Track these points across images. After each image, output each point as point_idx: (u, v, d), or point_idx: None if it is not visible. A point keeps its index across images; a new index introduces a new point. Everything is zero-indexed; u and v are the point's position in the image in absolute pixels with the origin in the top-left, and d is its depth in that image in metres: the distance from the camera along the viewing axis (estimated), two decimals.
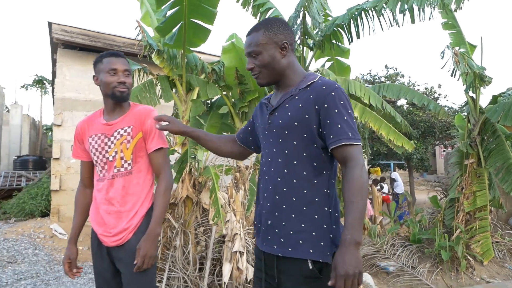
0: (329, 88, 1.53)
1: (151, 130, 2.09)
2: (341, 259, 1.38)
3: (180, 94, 4.18)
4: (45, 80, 17.61)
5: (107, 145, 2.05)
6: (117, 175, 2.04)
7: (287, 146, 1.58)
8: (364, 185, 1.44)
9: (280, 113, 1.61)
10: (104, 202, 2.03)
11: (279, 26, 1.63)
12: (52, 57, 7.78)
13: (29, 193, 6.92)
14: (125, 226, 2.01)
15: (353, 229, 1.40)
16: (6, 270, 4.87)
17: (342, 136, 1.48)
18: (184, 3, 3.52)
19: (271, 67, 1.62)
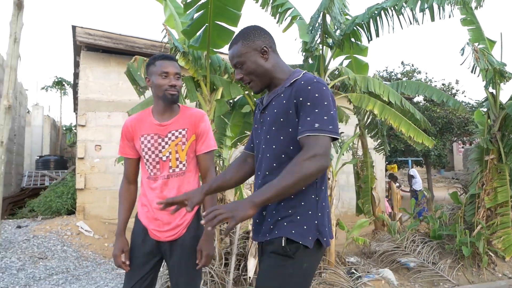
0: (306, 82, 1.59)
1: (204, 132, 2.18)
2: (232, 202, 1.49)
3: (204, 94, 4.30)
4: (64, 82, 17.99)
5: (160, 145, 2.12)
6: (172, 175, 2.11)
7: (275, 141, 1.66)
8: (301, 168, 1.45)
9: (269, 111, 1.70)
10: (157, 199, 2.09)
11: (255, 33, 1.71)
12: (75, 59, 7.98)
13: (55, 191, 7.14)
14: (178, 222, 2.11)
15: (261, 191, 1.46)
16: (38, 266, 5.07)
17: (307, 128, 1.52)
18: (209, 7, 3.63)
19: (257, 73, 1.69)
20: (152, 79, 2.12)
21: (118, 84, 7.16)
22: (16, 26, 5.27)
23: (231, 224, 1.40)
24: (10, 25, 5.29)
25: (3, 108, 5.25)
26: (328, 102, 1.56)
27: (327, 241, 1.62)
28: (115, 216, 7.03)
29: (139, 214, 2.21)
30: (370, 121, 6.34)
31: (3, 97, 5.28)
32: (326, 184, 1.69)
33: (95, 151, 6.99)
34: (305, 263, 1.58)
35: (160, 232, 2.12)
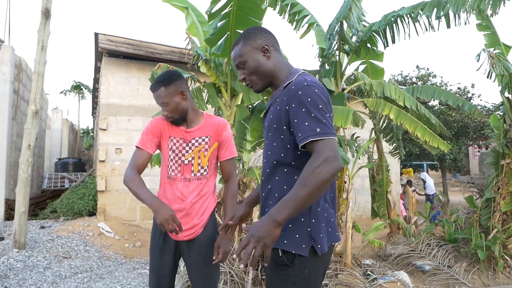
0: (297, 87, 1.54)
1: (226, 140, 2.30)
2: (257, 224, 1.42)
3: (225, 100, 4.44)
4: (82, 86, 18.39)
5: (184, 149, 2.25)
6: (193, 178, 2.24)
7: (270, 146, 1.66)
8: (315, 178, 1.38)
9: (268, 116, 1.70)
10: (177, 200, 2.23)
11: (255, 33, 1.69)
12: (96, 64, 8.22)
13: (77, 193, 7.36)
14: (196, 222, 2.24)
15: (279, 209, 1.40)
16: (63, 265, 5.26)
17: (309, 133, 1.47)
18: (231, 16, 3.78)
19: (259, 72, 1.68)
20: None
21: (138, 89, 7.36)
22: (44, 34, 5.49)
23: (267, 252, 1.39)
24: (38, 33, 5.52)
25: (31, 112, 5.47)
26: (322, 105, 1.52)
27: (321, 248, 1.56)
28: (134, 218, 7.22)
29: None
30: (385, 125, 6.42)
31: (31, 102, 5.50)
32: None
33: (115, 154, 7.19)
34: (306, 269, 1.56)
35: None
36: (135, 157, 2.25)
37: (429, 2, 4.23)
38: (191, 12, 4.66)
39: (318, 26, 5.47)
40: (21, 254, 5.35)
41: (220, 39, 4.00)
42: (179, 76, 2.27)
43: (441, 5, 4.11)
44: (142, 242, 6.57)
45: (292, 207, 1.40)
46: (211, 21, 3.84)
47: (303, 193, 1.39)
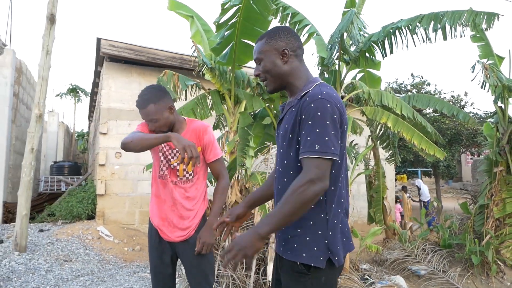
0: (311, 98, 1.54)
1: (209, 143, 2.42)
2: (240, 237, 1.49)
3: (228, 106, 4.55)
4: (79, 89, 18.39)
5: (170, 155, 2.41)
6: (179, 182, 2.40)
7: (285, 156, 1.65)
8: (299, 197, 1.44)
9: (282, 124, 1.69)
10: (170, 200, 2.40)
11: (281, 34, 1.67)
12: (96, 69, 8.29)
13: (76, 197, 7.40)
14: (188, 224, 2.39)
15: (263, 223, 1.48)
16: (64, 268, 5.30)
17: (307, 149, 1.49)
18: (237, 26, 3.90)
19: (273, 73, 1.67)
20: None
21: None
22: (49, 39, 5.57)
23: (248, 261, 1.52)
24: (43, 38, 5.59)
25: (34, 116, 5.54)
26: (330, 121, 1.51)
27: (339, 260, 1.58)
28: (133, 222, 7.28)
29: (151, 215, 2.46)
30: (382, 132, 6.56)
31: (34, 106, 5.57)
32: (338, 200, 1.62)
33: (115, 158, 7.25)
34: (323, 276, 1.59)
35: (170, 233, 2.38)
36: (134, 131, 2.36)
37: (427, 15, 4.38)
38: (196, 20, 4.77)
39: (318, 36, 5.60)
40: (22, 257, 5.39)
41: (225, 48, 4.11)
42: (165, 91, 2.40)
43: (438, 19, 4.27)
44: (141, 246, 6.63)
45: (274, 223, 1.48)
46: (219, 31, 3.96)
47: (285, 210, 1.46)
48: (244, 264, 4.51)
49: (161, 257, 2.44)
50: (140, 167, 7.38)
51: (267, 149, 4.74)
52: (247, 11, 3.71)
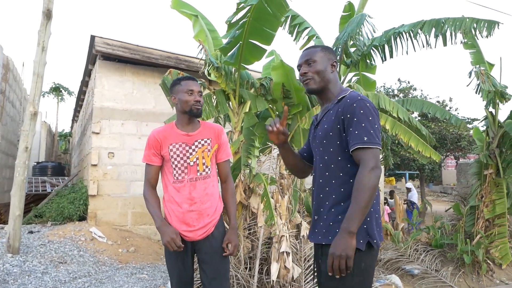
0: (351, 100, 1.82)
1: (224, 143, 2.55)
2: (334, 242, 1.68)
3: (233, 107, 4.57)
4: (62, 88, 17.95)
5: (188, 152, 2.42)
6: (199, 178, 2.43)
7: (326, 153, 1.90)
8: (367, 185, 1.67)
9: (321, 126, 1.95)
10: (186, 201, 2.40)
11: (331, 50, 2.03)
12: (87, 67, 8.15)
13: (67, 197, 7.24)
14: (208, 221, 2.42)
15: (349, 221, 1.66)
16: (60, 270, 5.19)
17: (357, 141, 1.74)
18: (246, 26, 3.93)
19: (322, 75, 1.94)
20: (178, 96, 2.45)
21: (133, 93, 7.36)
22: (44, 35, 5.46)
23: (350, 262, 1.65)
24: (38, 33, 5.47)
25: (29, 114, 5.41)
26: (372, 117, 1.79)
27: (377, 243, 1.80)
28: (126, 223, 7.18)
29: (168, 219, 2.45)
30: None
31: (29, 104, 5.44)
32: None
33: (108, 158, 7.14)
34: (363, 262, 1.76)
35: (192, 232, 2.40)
36: (146, 173, 2.52)
37: (428, 21, 4.51)
38: (201, 20, 4.77)
39: (318, 38, 5.68)
40: (16, 259, 5.24)
41: (234, 47, 4.13)
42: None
43: (439, 25, 4.41)
44: (136, 247, 6.55)
45: (359, 216, 1.68)
46: (230, 30, 3.97)
47: (362, 201, 1.68)
48: (248, 264, 4.53)
49: (183, 260, 2.44)
50: (133, 167, 7.30)
51: (269, 150, 4.78)
52: (258, 12, 3.73)
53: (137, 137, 7.39)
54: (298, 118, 4.90)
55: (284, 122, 2.08)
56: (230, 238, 2.44)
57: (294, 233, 4.72)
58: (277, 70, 4.66)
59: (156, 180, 2.51)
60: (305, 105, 4.91)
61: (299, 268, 4.46)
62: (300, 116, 4.89)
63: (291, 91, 4.78)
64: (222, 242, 2.45)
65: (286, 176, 4.76)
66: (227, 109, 4.47)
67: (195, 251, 2.47)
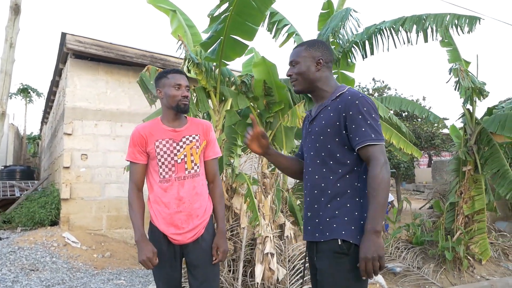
0: (353, 97, 1.80)
1: (213, 140, 2.43)
2: (363, 245, 1.65)
3: (214, 104, 4.43)
4: (30, 89, 17.24)
5: (175, 149, 2.28)
6: (187, 176, 2.29)
7: (323, 149, 1.86)
8: (383, 181, 1.68)
9: (317, 122, 1.91)
10: (174, 201, 2.25)
11: (319, 45, 1.96)
12: (57, 66, 7.82)
13: (38, 202, 6.90)
14: (197, 223, 2.28)
15: (373, 220, 1.65)
16: (32, 278, 4.91)
17: (366, 138, 1.74)
18: (227, 21, 3.79)
19: (305, 76, 1.92)
20: (164, 90, 2.31)
21: (106, 93, 7.10)
22: (12, 31, 5.17)
23: (382, 262, 1.65)
24: (6, 29, 5.19)
25: None
26: (375, 114, 1.80)
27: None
28: (100, 227, 6.91)
29: (154, 221, 2.30)
30: None
31: None
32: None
33: (81, 160, 6.86)
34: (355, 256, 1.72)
35: (180, 235, 2.25)
36: (131, 174, 2.35)
37: (409, 17, 4.50)
38: (179, 15, 4.61)
39: (298, 36, 5.61)
40: None
41: (215, 43, 3.99)
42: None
43: (421, 21, 4.39)
44: (111, 252, 6.30)
45: (381, 213, 1.68)
46: (212, 24, 3.83)
47: (381, 198, 1.68)
48: (232, 267, 4.39)
49: (171, 264, 2.30)
50: (107, 169, 7.03)
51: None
52: (241, 5, 3.61)
53: (111, 138, 7.13)
54: (280, 116, 4.80)
55: (256, 127, 2.01)
56: (219, 243, 2.32)
57: (278, 233, 4.62)
58: (259, 66, 4.54)
59: (143, 180, 2.35)
60: (287, 103, 4.81)
61: (284, 269, 4.36)
62: (282, 114, 4.79)
63: (272, 88, 4.68)
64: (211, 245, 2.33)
65: (269, 175, 4.65)
66: (208, 107, 4.32)
67: (183, 255, 2.32)
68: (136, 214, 2.26)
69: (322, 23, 5.81)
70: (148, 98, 4.21)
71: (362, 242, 1.67)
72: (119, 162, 7.05)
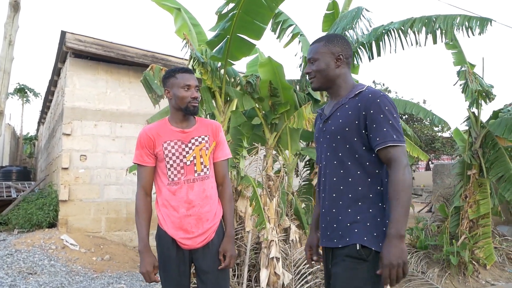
0: (374, 96, 1.72)
1: (222, 141, 2.32)
2: (386, 250, 1.57)
3: (219, 105, 4.33)
4: (27, 89, 17.03)
5: (184, 151, 2.18)
6: (197, 179, 2.19)
7: (340, 149, 1.77)
8: (406, 183, 1.60)
9: (333, 121, 1.82)
10: (183, 204, 2.15)
11: (338, 40, 1.87)
12: (56, 65, 7.69)
13: (36, 203, 6.76)
14: (208, 226, 2.18)
15: (397, 224, 1.56)
16: (30, 281, 4.78)
17: (388, 139, 1.65)
18: (234, 19, 3.70)
19: (324, 73, 1.84)
20: (173, 91, 2.20)
21: (106, 93, 6.98)
22: (12, 28, 5.06)
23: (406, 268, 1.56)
24: (5, 26, 5.07)
25: None
26: (396, 114, 1.72)
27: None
28: (99, 229, 6.79)
29: (163, 225, 2.21)
30: None
31: None
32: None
33: (80, 161, 6.73)
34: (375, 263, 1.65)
35: (190, 239, 2.15)
36: (139, 177, 2.25)
37: (418, 19, 4.43)
38: (183, 13, 4.52)
39: (303, 36, 5.54)
40: None
41: (221, 41, 3.90)
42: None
43: (430, 22, 4.32)
44: (111, 255, 6.17)
45: (404, 217, 1.59)
46: (220, 22, 3.74)
47: (404, 202, 1.59)
48: (236, 271, 4.29)
49: (179, 269, 2.19)
50: (107, 170, 6.92)
51: (256, 150, 4.56)
52: (249, 3, 3.52)
53: (111, 139, 7.02)
54: (285, 117, 4.72)
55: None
56: (226, 247, 2.21)
57: (283, 237, 4.53)
58: (265, 67, 4.46)
59: (151, 184, 2.26)
60: (293, 104, 4.73)
61: (289, 274, 4.27)
62: (288, 115, 4.71)
63: (278, 89, 4.60)
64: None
65: (274, 178, 4.56)
66: (213, 107, 4.23)
67: (192, 260, 2.22)
68: (142, 222, 2.18)
69: (326, 24, 5.75)
70: (151, 98, 4.11)
71: (384, 247, 1.58)
72: (118, 163, 6.94)
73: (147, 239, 2.16)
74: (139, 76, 5.98)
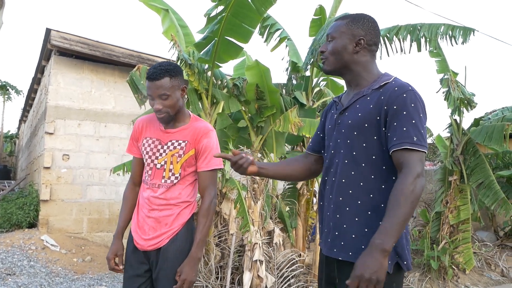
0: (401, 89, 1.49)
1: (205, 149, 2.04)
2: (362, 260, 1.35)
3: (205, 107, 4.33)
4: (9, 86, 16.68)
5: (158, 152, 2.06)
6: (162, 185, 2.05)
7: (355, 147, 1.54)
8: (412, 196, 1.36)
9: (350, 113, 1.59)
10: (145, 205, 2.07)
11: (365, 22, 1.62)
12: (39, 63, 7.57)
13: (16, 203, 6.63)
14: (162, 231, 2.03)
15: (385, 236, 1.34)
16: (8, 282, 4.69)
17: (406, 140, 1.41)
18: (223, 22, 3.71)
19: (339, 57, 1.60)
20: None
21: (91, 92, 6.90)
22: None
23: (380, 286, 1.33)
24: None
25: None
26: (423, 114, 1.48)
27: (407, 265, 1.50)
28: (81, 230, 6.69)
29: (132, 222, 2.17)
30: None
31: None
32: None
33: (62, 160, 6.63)
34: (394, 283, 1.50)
35: (144, 240, 2.04)
36: (132, 166, 2.24)
37: (404, 26, 4.50)
38: (171, 14, 4.51)
39: (290, 41, 5.58)
40: None
41: (209, 44, 3.90)
42: (181, 70, 2.11)
43: (415, 30, 4.40)
44: (92, 256, 6.09)
45: (396, 233, 1.35)
46: (208, 24, 3.74)
47: (403, 214, 1.35)
48: (219, 274, 4.29)
49: (134, 268, 2.07)
50: (90, 171, 6.83)
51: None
52: (238, 6, 3.53)
53: (94, 139, 6.93)
54: (271, 121, 4.74)
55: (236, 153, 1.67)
56: (183, 269, 1.96)
57: (267, 240, 4.54)
58: (252, 70, 4.48)
59: (139, 175, 2.17)
60: (279, 108, 4.75)
61: (272, 277, 4.28)
62: (274, 118, 4.73)
63: (265, 92, 4.62)
64: (175, 259, 2.00)
65: (258, 181, 4.56)
66: (199, 109, 4.22)
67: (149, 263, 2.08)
68: (122, 209, 2.18)
69: (313, 29, 5.79)
70: (137, 98, 4.08)
71: (362, 256, 1.36)
72: (102, 164, 6.85)
73: (121, 227, 2.14)
74: (124, 76, 5.93)
